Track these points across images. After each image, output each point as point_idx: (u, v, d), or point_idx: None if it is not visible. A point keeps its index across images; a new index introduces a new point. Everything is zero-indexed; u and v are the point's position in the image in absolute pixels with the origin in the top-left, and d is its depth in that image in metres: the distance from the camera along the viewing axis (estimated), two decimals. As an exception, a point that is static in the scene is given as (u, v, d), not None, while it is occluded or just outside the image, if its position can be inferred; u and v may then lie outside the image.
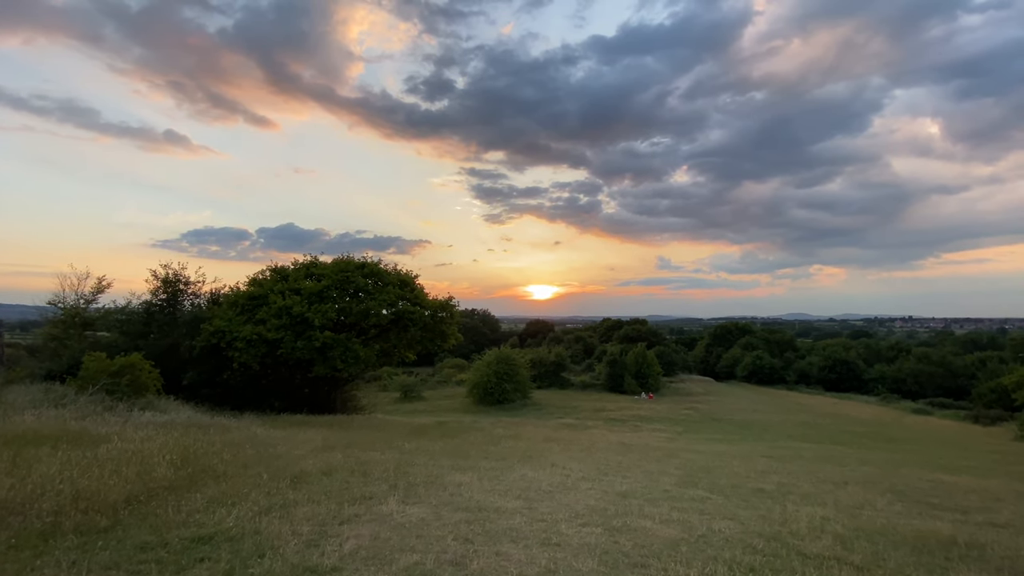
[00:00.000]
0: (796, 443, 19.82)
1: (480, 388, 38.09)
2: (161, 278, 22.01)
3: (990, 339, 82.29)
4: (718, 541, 4.11)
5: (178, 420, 11.06)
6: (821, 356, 66.24)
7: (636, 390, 44.22)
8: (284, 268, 21.41)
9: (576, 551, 3.64)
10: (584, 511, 4.85)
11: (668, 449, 12.67)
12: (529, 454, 9.69)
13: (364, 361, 18.51)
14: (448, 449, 9.74)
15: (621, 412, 33.24)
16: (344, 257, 20.85)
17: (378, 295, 19.45)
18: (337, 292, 19.14)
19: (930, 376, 54.48)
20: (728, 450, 13.91)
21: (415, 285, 20.98)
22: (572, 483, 6.38)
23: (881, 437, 24.73)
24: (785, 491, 7.07)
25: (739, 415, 34.37)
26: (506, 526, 4.15)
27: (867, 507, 6.29)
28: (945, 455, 16.82)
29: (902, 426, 32.65)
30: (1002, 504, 6.96)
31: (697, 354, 77.78)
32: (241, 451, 6.83)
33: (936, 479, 9.60)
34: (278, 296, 18.92)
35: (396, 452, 8.55)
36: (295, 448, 7.76)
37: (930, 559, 3.95)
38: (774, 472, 9.24)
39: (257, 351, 17.94)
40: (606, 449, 11.92)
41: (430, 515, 4.39)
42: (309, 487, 5.08)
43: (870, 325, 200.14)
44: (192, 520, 3.80)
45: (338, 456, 7.12)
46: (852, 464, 11.65)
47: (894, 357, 65.13)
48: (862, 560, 3.76)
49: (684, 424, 28.34)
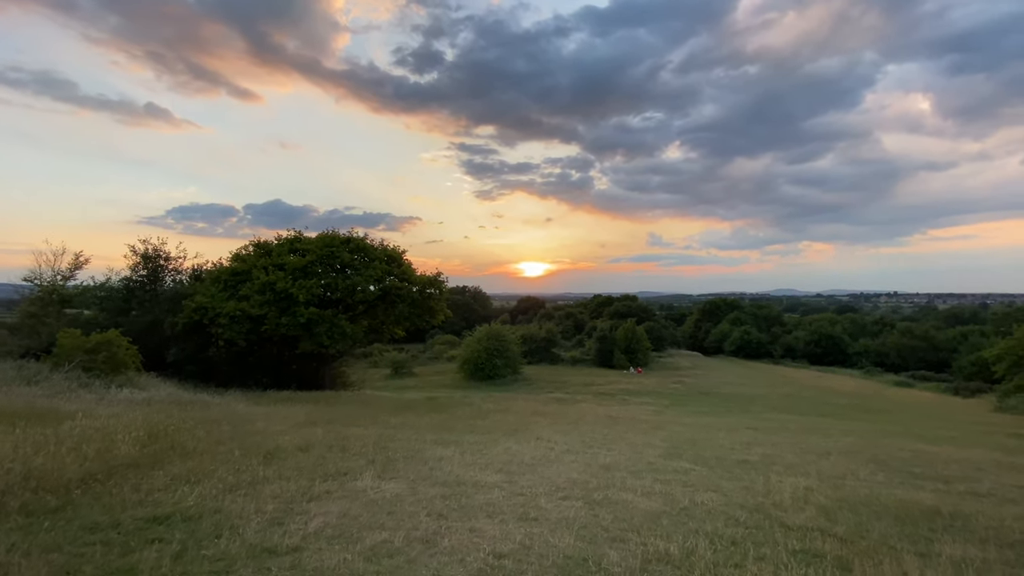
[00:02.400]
0: (781, 415, 20.11)
1: (471, 364, 38.21)
2: (140, 253, 21.47)
3: (972, 314, 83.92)
4: (700, 513, 4.02)
5: (157, 397, 10.83)
6: (807, 331, 67.19)
7: (625, 365, 44.63)
8: (268, 243, 20.92)
9: (554, 526, 3.52)
10: (565, 484, 4.75)
11: (655, 422, 12.72)
12: (515, 428, 9.62)
13: (351, 337, 18.29)
14: (434, 424, 9.64)
15: (610, 386, 33.54)
16: (329, 232, 20.38)
17: (364, 271, 19.11)
18: (322, 267, 18.76)
19: (913, 350, 55.56)
20: (714, 422, 14.01)
21: (402, 261, 20.63)
22: (556, 456, 6.29)
23: (863, 409, 25.19)
24: (769, 462, 7.06)
25: (726, 388, 34.85)
26: (483, 501, 4.03)
27: (850, 477, 6.28)
28: (926, 426, 17.13)
29: (884, 398, 33.32)
30: (983, 473, 7.01)
31: (686, 329, 78.57)
32: (217, 428, 6.63)
33: (918, 449, 9.70)
34: (261, 272, 18.52)
35: (380, 427, 8.41)
36: (275, 424, 7.58)
37: (914, 530, 3.89)
38: (759, 444, 9.27)
39: (241, 327, 17.63)
40: (593, 422, 11.91)
41: (406, 490, 4.26)
42: (282, 463, 4.92)
43: (856, 300, 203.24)
44: (150, 499, 3.62)
45: (318, 432, 6.96)
46: (835, 435, 11.76)
47: (878, 331, 66.27)
48: (845, 531, 3.69)
49: (671, 398, 28.67)
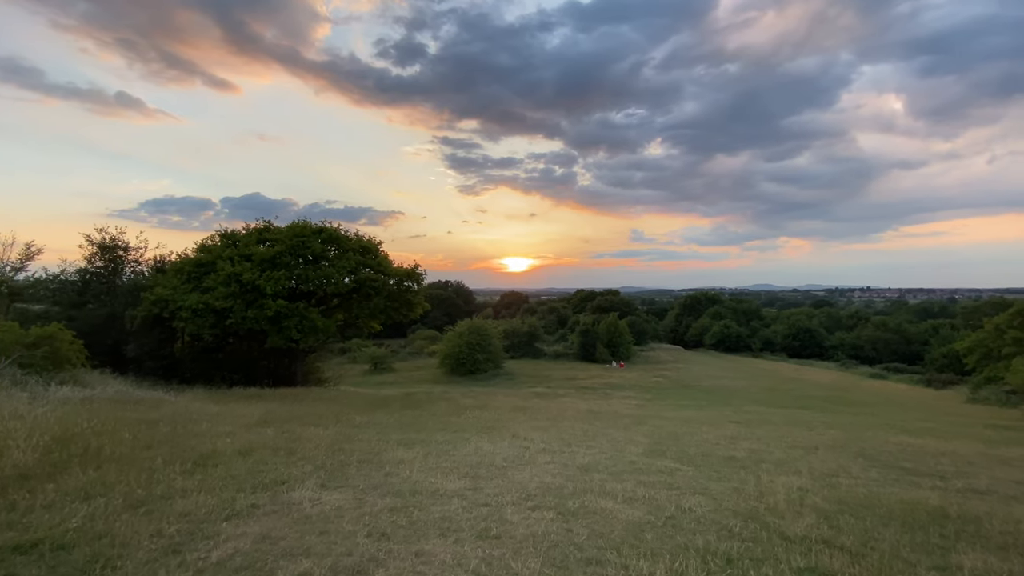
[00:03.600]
0: (762, 408, 20.00)
1: (452, 359, 37.58)
2: (97, 243, 20.26)
3: (941, 308, 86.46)
4: (689, 524, 3.52)
5: (101, 395, 9.99)
6: (785, 324, 68.10)
7: (607, 359, 44.49)
8: (235, 233, 19.91)
9: (518, 545, 2.98)
10: (537, 490, 4.22)
11: (637, 416, 12.33)
12: (491, 425, 9.07)
13: (323, 331, 17.48)
14: (403, 422, 9.03)
15: (592, 380, 33.29)
16: (300, 222, 19.46)
17: (337, 262, 18.29)
18: (292, 258, 17.86)
19: (886, 343, 56.72)
20: (697, 416, 13.70)
21: (378, 252, 19.84)
22: (530, 457, 5.76)
23: (842, 401, 25.36)
24: (757, 459, 6.66)
25: (707, 382, 34.93)
26: (439, 514, 3.46)
27: (843, 474, 5.90)
28: (904, 417, 17.15)
29: (860, 390, 33.77)
30: (975, 468, 6.72)
31: (667, 324, 79.05)
32: (151, 429, 5.93)
33: (902, 442, 9.46)
34: (227, 263, 17.55)
35: (342, 426, 7.77)
36: (222, 425, 6.88)
37: (925, 537, 3.47)
38: (744, 438, 8.91)
39: (204, 321, 16.68)
40: (574, 418, 11.46)
41: (350, 502, 3.67)
42: (210, 471, 4.27)
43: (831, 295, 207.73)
44: (23, 521, 2.96)
45: (268, 433, 6.30)
46: (819, 428, 11.51)
47: (854, 325, 67.52)
48: (852, 542, 3.23)
49: (654, 391, 28.51)
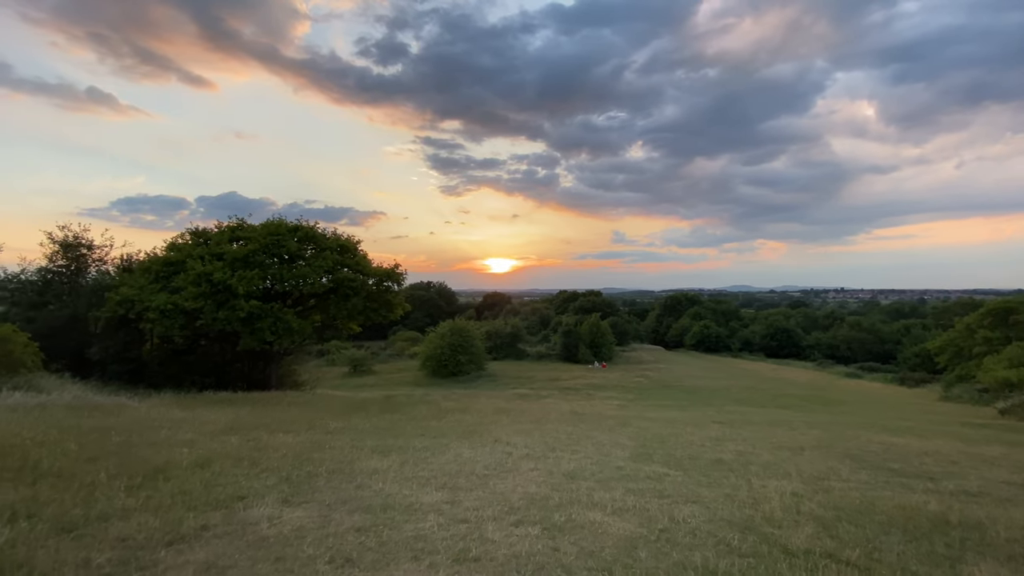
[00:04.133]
0: (743, 407, 20.11)
1: (433, 360, 37.06)
2: (59, 241, 19.31)
3: (912, 308, 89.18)
4: (684, 538, 3.28)
5: (57, 401, 9.38)
6: (763, 325, 69.27)
7: (590, 359, 44.51)
8: (206, 231, 19.18)
9: (500, 569, 2.68)
10: (521, 502, 3.93)
11: (621, 417, 12.14)
12: (472, 429, 8.76)
13: (299, 333, 16.91)
14: (380, 427, 8.64)
15: (575, 381, 33.19)
16: (275, 220, 18.83)
17: (314, 261, 17.73)
18: (266, 257, 17.25)
19: (861, 342, 58.08)
20: (680, 416, 13.59)
21: (356, 251, 19.33)
22: (513, 463, 5.47)
23: (819, 400, 25.73)
24: (745, 461, 6.49)
25: (688, 381, 35.16)
26: (413, 532, 3.15)
27: (833, 476, 5.75)
28: (882, 416, 17.39)
29: (837, 389, 34.40)
30: (960, 467, 6.67)
31: (649, 324, 79.74)
32: (102, 439, 5.46)
33: (885, 441, 9.45)
34: (197, 261, 16.85)
35: (315, 433, 7.37)
36: (183, 433, 6.42)
37: (930, 547, 3.29)
38: (729, 439, 8.78)
39: (173, 322, 15.96)
40: (557, 420, 11.22)
41: (314, 520, 3.32)
42: (160, 487, 3.87)
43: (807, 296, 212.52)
44: (-77, 553, 2.55)
45: (233, 441, 5.88)
46: (801, 428, 11.48)
47: (829, 325, 69.04)
48: (859, 556, 3.03)
49: (636, 391, 28.52)
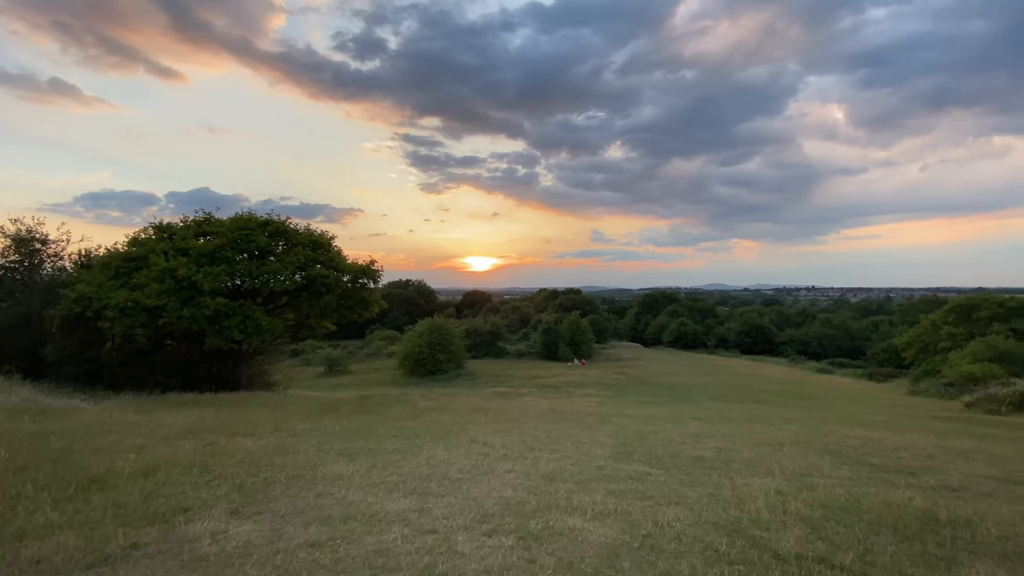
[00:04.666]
0: (721, 403, 20.27)
1: (412, 359, 36.51)
2: (11, 236, 18.23)
3: (879, 306, 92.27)
4: (669, 544, 3.06)
5: (3, 405, 8.74)
6: (738, 322, 70.55)
7: (570, 357, 44.56)
8: (171, 226, 18.34)
9: (470, 586, 2.41)
10: (496, 508, 3.66)
11: (600, 415, 12.00)
12: (448, 429, 8.46)
13: (269, 331, 16.30)
14: (351, 428, 8.27)
15: (554, 379, 33.10)
16: (244, 214, 18.12)
17: (285, 257, 17.10)
18: (234, 253, 16.56)
19: (831, 339, 59.65)
20: (659, 413, 13.53)
21: (330, 247, 18.76)
22: (489, 465, 5.20)
23: (794, 395, 26.18)
24: (726, 458, 6.37)
25: (666, 378, 35.46)
26: (373, 547, 2.84)
27: (815, 473, 5.66)
28: (855, 410, 17.69)
29: (810, 384, 35.14)
30: (938, 462, 6.68)
31: (627, 322, 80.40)
32: (42, 445, 4.98)
33: (861, 436, 9.50)
34: (160, 257, 16.07)
35: (280, 436, 6.96)
36: (135, 437, 5.96)
37: (921, 547, 3.15)
38: (709, 436, 8.69)
39: (133, 320, 15.18)
40: (536, 418, 11.01)
41: (264, 535, 2.99)
42: (93, 499, 3.48)
43: (780, 294, 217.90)
44: None
45: (187, 446, 5.45)
46: (778, 423, 11.51)
47: (801, 322, 70.74)
48: (852, 560, 2.86)
49: (615, 388, 28.58)
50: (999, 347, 26.94)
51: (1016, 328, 30.78)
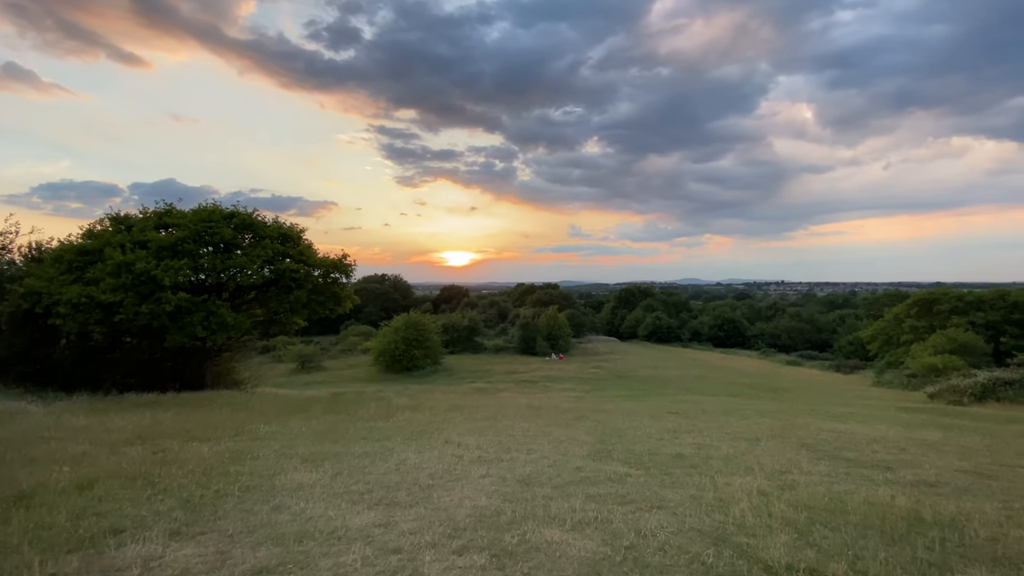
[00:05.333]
0: (696, 396, 20.50)
1: (387, 355, 35.93)
2: (-49, 227, 16.98)
3: (844, 300, 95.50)
4: (653, 556, 2.87)
5: (-68, 410, 8.06)
6: (712, 316, 71.93)
7: (547, 351, 44.60)
8: (129, 217, 17.38)
9: (436, 617, 2.16)
10: (467, 520, 3.41)
11: (577, 410, 11.87)
12: (422, 430, 8.18)
13: (235, 328, 15.61)
14: (319, 430, 7.90)
15: (532, 373, 33.07)
16: (208, 205, 17.31)
17: (252, 251, 16.39)
18: (197, 246, 15.78)
19: (800, 332, 61.34)
20: (636, 407, 13.51)
21: (300, 240, 18.10)
22: (463, 469, 4.94)
23: (766, 387, 26.73)
24: (706, 455, 6.28)
25: (642, 371, 35.84)
26: (329, 571, 2.56)
27: (794, 470, 5.59)
28: (824, 402, 18.10)
29: (780, 376, 36.01)
30: (910, 455, 6.73)
31: (604, 316, 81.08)
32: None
33: (833, 429, 9.61)
34: (116, 250, 15.18)
35: (240, 439, 6.56)
36: (79, 444, 5.49)
37: (911, 552, 3.05)
38: (686, 431, 8.63)
39: (88, 317, 14.32)
40: (514, 415, 10.81)
41: (206, 560, 2.67)
42: (15, 519, 3.07)
43: (750, 288, 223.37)
44: None
45: (134, 454, 5.03)
46: (753, 417, 11.60)
47: (772, 316, 72.57)
48: (844, 570, 2.72)
49: (592, 383, 28.71)
50: (959, 339, 28.06)
51: (974, 321, 32.15)
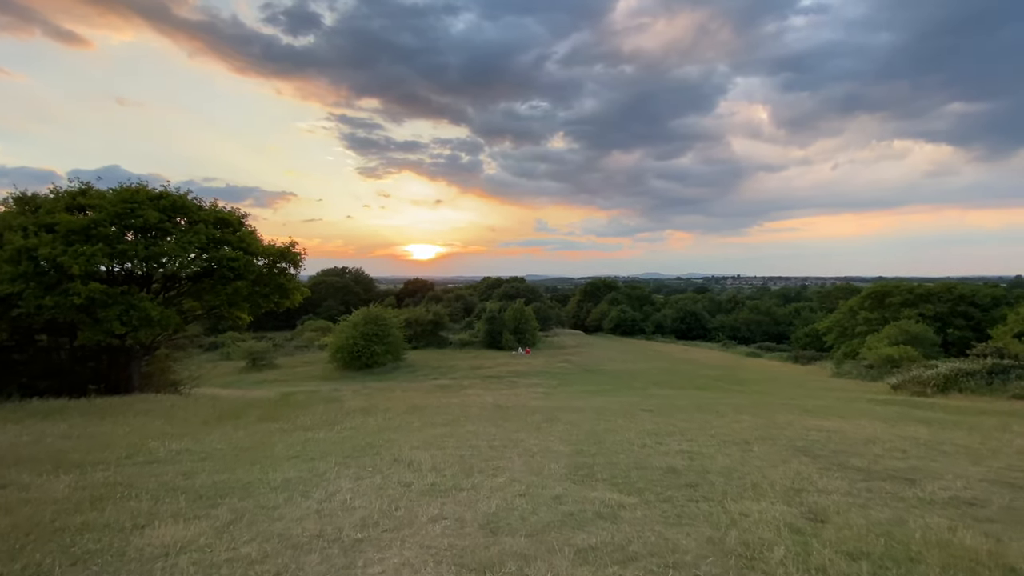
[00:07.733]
0: (665, 391, 20.00)
1: (345, 352, 34.05)
2: None
3: (797, 293, 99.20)
4: None
5: None
6: (674, 309, 73.04)
7: (514, 346, 43.69)
8: (35, 197, 15.12)
9: None
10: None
11: (547, 410, 10.89)
12: (368, 441, 6.96)
13: (161, 323, 13.78)
14: (241, 447, 6.55)
15: (498, 368, 32.05)
16: (132, 186, 15.23)
17: (183, 237, 14.51)
18: (116, 230, 13.80)
19: (759, 324, 63.02)
20: (608, 405, 12.67)
21: (241, 226, 16.29)
22: (407, 507, 3.80)
23: (732, 380, 26.71)
24: (700, 468, 5.40)
25: (609, 365, 35.44)
26: None
27: (808, 487, 4.76)
28: (793, 394, 17.88)
29: (743, 368, 36.41)
30: (915, 458, 6.08)
31: (570, 309, 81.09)
32: None
33: (817, 426, 9.03)
34: (17, 234, 13.05)
35: (127, 466, 5.17)
36: None
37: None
38: (667, 434, 7.78)
39: (-24, 312, 12.22)
40: (478, 417, 9.72)
41: None
42: None
43: (709, 283, 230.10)
44: None
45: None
46: (729, 413, 10.93)
47: (732, 308, 74.39)
48: None
49: (560, 377, 27.94)
50: (911, 331, 28.93)
51: (924, 313, 33.38)
